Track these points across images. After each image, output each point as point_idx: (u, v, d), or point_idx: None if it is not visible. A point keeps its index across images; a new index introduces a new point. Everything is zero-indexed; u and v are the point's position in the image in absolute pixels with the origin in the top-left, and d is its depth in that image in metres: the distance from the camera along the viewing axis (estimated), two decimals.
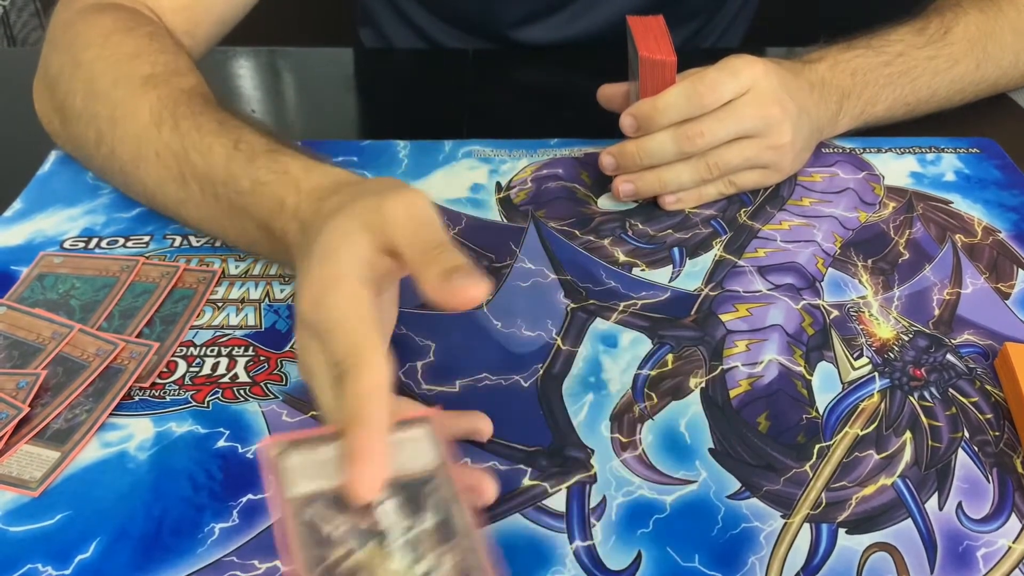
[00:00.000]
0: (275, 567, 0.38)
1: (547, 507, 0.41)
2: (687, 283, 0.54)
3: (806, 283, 0.54)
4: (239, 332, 0.49)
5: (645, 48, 0.55)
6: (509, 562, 0.38)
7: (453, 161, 0.64)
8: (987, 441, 0.44)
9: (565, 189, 0.62)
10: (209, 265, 0.54)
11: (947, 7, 0.68)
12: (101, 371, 0.46)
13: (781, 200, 0.61)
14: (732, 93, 0.55)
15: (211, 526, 0.39)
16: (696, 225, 0.59)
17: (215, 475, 0.42)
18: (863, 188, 0.62)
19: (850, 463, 0.43)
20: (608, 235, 0.58)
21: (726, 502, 0.41)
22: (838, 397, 0.46)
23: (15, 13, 1.69)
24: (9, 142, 0.67)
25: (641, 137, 0.57)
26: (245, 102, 0.74)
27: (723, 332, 0.50)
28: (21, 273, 0.53)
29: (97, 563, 0.38)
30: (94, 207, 0.59)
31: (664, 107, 0.56)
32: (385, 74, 0.81)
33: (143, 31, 0.58)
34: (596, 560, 0.39)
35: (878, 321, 0.51)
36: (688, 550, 0.39)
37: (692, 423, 0.45)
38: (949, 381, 0.48)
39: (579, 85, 0.65)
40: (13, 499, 0.41)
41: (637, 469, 0.43)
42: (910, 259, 0.56)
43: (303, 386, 0.46)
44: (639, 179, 0.59)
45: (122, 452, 0.43)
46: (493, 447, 0.43)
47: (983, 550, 0.39)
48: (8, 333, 0.48)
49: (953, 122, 0.68)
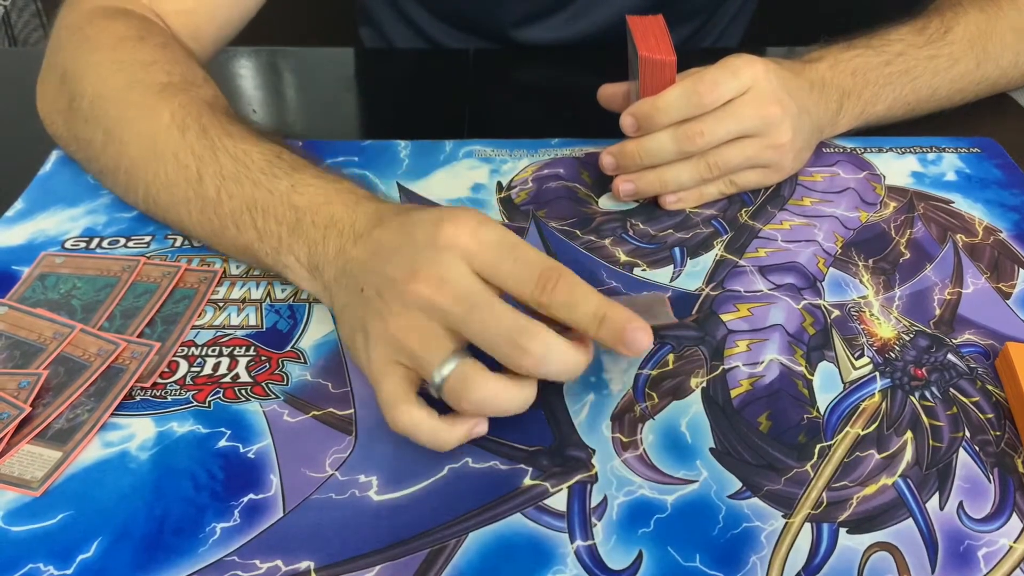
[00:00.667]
0: (276, 567, 0.38)
1: (548, 507, 0.41)
2: (688, 283, 0.54)
3: (807, 283, 0.54)
4: (240, 332, 0.49)
5: (645, 48, 0.55)
6: (510, 562, 0.38)
7: (454, 161, 0.65)
8: (988, 441, 0.44)
9: (566, 189, 0.62)
10: (210, 265, 0.54)
11: (947, 6, 0.68)
12: (102, 371, 0.46)
13: (782, 200, 0.61)
14: (732, 92, 0.55)
15: (212, 526, 0.40)
16: (697, 225, 0.59)
17: (216, 475, 0.42)
18: (864, 188, 0.62)
19: (851, 463, 0.43)
20: (609, 235, 0.58)
21: (727, 502, 0.41)
22: (839, 397, 0.46)
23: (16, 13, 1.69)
24: (10, 142, 0.67)
25: (641, 137, 0.57)
26: (246, 102, 0.74)
27: (724, 332, 0.50)
28: (23, 273, 0.53)
29: (99, 563, 0.38)
30: (95, 207, 0.59)
31: (664, 106, 0.56)
32: (386, 74, 0.81)
33: (156, 40, 0.58)
34: (597, 560, 0.39)
35: (879, 321, 0.51)
36: (689, 550, 0.39)
37: (693, 423, 0.45)
38: (950, 381, 0.48)
39: (580, 85, 0.65)
40: (15, 499, 0.41)
41: (638, 469, 0.43)
42: (911, 259, 0.56)
43: (304, 386, 0.46)
44: (639, 179, 0.59)
45: (123, 452, 0.43)
46: (494, 447, 0.43)
47: (984, 550, 0.39)
48: (10, 333, 0.48)
49: (954, 122, 0.68)
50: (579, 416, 0.45)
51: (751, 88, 0.56)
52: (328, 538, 0.39)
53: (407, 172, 0.63)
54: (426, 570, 0.38)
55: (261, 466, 0.42)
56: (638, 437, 0.44)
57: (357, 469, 0.42)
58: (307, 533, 0.39)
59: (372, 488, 0.41)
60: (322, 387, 0.46)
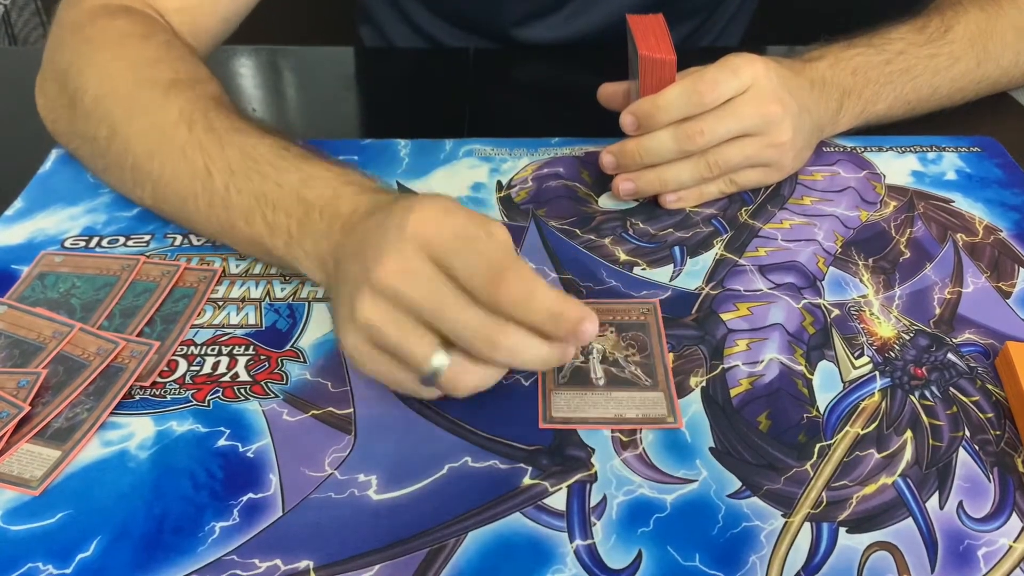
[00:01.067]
0: (275, 566, 0.38)
1: (547, 506, 0.41)
2: (688, 282, 0.54)
3: (807, 282, 0.54)
4: (240, 331, 0.49)
5: (645, 47, 0.55)
6: (509, 561, 0.38)
7: (454, 160, 0.64)
8: (988, 440, 0.44)
9: (566, 188, 0.62)
10: (210, 264, 0.54)
11: (947, 5, 0.68)
12: (102, 370, 0.46)
13: (782, 199, 0.61)
14: (732, 91, 0.55)
15: (212, 525, 0.39)
16: (697, 224, 0.59)
17: (216, 474, 0.42)
18: (864, 187, 0.62)
19: (851, 462, 0.43)
20: (609, 234, 0.58)
21: (727, 501, 0.41)
22: (839, 396, 0.46)
23: (16, 12, 1.69)
24: (10, 141, 0.67)
25: (641, 136, 0.57)
26: (247, 101, 0.74)
27: (724, 331, 0.50)
28: (22, 272, 0.53)
29: (98, 562, 0.38)
30: (95, 206, 0.59)
31: (664, 105, 0.55)
32: (386, 73, 0.81)
33: (160, 39, 0.58)
34: (596, 559, 0.39)
35: (879, 320, 0.51)
36: (689, 549, 0.39)
37: (692, 422, 0.45)
38: (950, 380, 0.48)
39: (579, 84, 0.65)
40: (14, 498, 0.41)
41: (637, 468, 0.42)
42: (911, 258, 0.56)
43: (304, 385, 0.46)
44: (639, 178, 0.59)
45: (123, 451, 0.43)
46: (494, 446, 0.43)
47: (984, 549, 0.39)
48: (9, 332, 0.48)
49: (954, 121, 0.68)
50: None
51: (751, 87, 0.56)
52: (327, 537, 0.39)
53: (407, 171, 0.63)
54: (425, 569, 0.38)
55: (260, 465, 0.42)
56: (637, 436, 0.44)
57: (356, 468, 0.42)
58: (306, 532, 0.39)
59: (371, 487, 0.41)
60: (321, 386, 0.46)
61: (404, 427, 0.44)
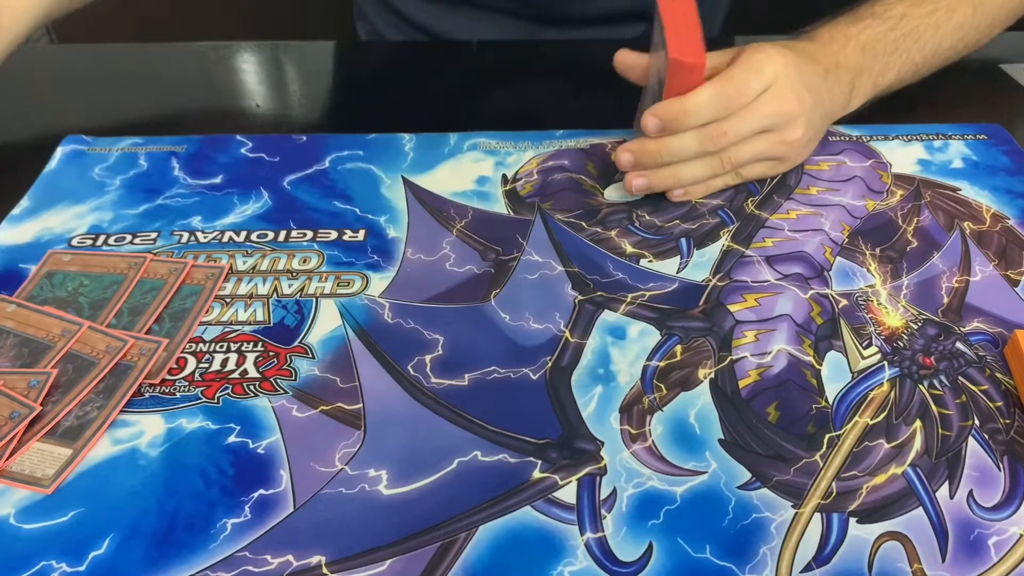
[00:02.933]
0: (287, 562, 0.38)
1: (557, 499, 0.41)
2: (695, 274, 0.54)
3: (814, 272, 0.54)
4: (248, 328, 0.50)
5: (676, 46, 0.53)
6: (520, 555, 0.38)
7: (459, 153, 0.64)
8: (997, 429, 0.44)
9: (571, 180, 0.62)
10: (217, 261, 0.54)
11: None
12: (111, 368, 0.46)
13: (788, 189, 0.61)
14: (758, 93, 0.55)
15: (223, 521, 0.40)
16: (703, 215, 0.59)
17: (226, 470, 0.42)
18: (870, 176, 0.62)
19: (860, 452, 0.43)
20: (615, 226, 0.58)
21: (736, 493, 0.41)
22: (848, 386, 0.46)
23: None
24: (16, 140, 0.67)
25: (664, 137, 0.57)
26: (250, 96, 0.74)
27: (731, 322, 0.50)
28: (30, 271, 0.53)
29: (111, 560, 0.38)
30: (101, 204, 0.59)
31: (694, 111, 0.55)
32: (390, 67, 0.81)
33: None
34: (607, 552, 0.39)
35: (887, 310, 0.51)
36: (699, 541, 0.39)
37: (701, 414, 0.45)
38: (959, 369, 0.47)
39: (585, 76, 0.65)
40: (26, 496, 0.41)
41: (647, 460, 0.43)
42: (918, 247, 0.56)
43: (312, 381, 0.46)
44: (653, 175, 0.58)
45: (133, 449, 0.43)
46: (503, 440, 0.43)
47: (994, 538, 0.39)
48: (18, 331, 0.48)
49: (960, 108, 0.68)
50: (587, 408, 0.45)
51: (772, 84, 0.56)
52: (339, 532, 0.39)
53: (412, 165, 0.63)
54: (437, 563, 0.38)
55: (270, 461, 0.42)
56: (647, 429, 0.44)
57: (367, 463, 0.42)
58: (317, 528, 0.39)
59: (382, 482, 0.41)
60: (330, 382, 0.46)
61: (413, 422, 0.44)
